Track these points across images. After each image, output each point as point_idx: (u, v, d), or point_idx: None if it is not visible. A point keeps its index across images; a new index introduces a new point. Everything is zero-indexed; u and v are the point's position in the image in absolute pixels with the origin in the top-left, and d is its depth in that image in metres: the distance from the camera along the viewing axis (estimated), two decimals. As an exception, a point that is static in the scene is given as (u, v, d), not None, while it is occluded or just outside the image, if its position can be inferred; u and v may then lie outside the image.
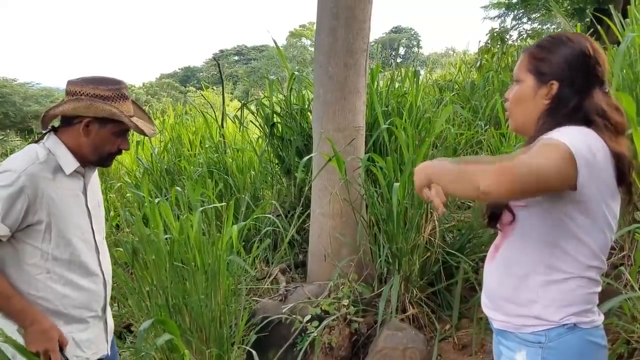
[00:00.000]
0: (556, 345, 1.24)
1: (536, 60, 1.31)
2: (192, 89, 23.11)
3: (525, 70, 1.33)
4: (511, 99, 1.37)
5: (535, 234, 1.26)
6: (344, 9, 3.23)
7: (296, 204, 4.04)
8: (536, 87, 1.30)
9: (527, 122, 1.33)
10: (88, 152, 1.71)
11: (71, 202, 1.71)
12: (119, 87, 1.73)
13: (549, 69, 1.28)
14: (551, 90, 1.28)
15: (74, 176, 1.73)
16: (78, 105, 1.65)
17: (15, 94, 17.39)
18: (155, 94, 34.08)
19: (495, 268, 1.38)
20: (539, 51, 1.32)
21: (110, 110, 1.66)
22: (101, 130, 1.70)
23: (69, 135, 1.70)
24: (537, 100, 1.30)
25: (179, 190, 3.15)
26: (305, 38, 47.31)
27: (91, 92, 1.67)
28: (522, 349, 1.28)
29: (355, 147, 3.35)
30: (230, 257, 2.78)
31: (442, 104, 4.77)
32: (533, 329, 1.26)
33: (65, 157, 1.69)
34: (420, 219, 2.97)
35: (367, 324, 2.99)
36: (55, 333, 1.63)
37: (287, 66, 4.66)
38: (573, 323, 1.24)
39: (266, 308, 3.11)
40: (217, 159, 4.84)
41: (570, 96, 1.26)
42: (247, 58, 50.27)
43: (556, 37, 1.33)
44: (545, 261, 1.25)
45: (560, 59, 1.27)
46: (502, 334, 1.36)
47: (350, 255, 3.22)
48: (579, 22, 8.72)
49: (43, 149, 1.68)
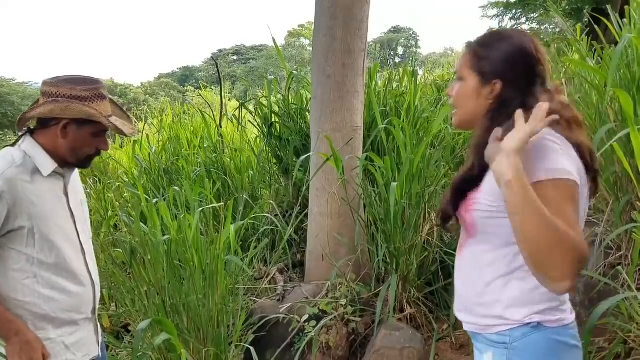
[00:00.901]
0: (521, 345, 1.20)
1: (478, 58, 1.29)
2: (191, 89, 23.10)
3: (467, 68, 1.31)
4: (455, 97, 1.35)
5: (495, 233, 1.23)
6: (341, 8, 3.23)
7: (294, 204, 4.04)
8: (479, 87, 1.29)
9: (471, 120, 1.33)
10: (66, 153, 1.67)
11: (53, 204, 1.67)
12: (96, 86, 1.67)
13: (492, 68, 1.26)
14: (494, 90, 1.27)
15: (54, 177, 1.68)
16: (55, 107, 1.60)
17: (13, 94, 17.40)
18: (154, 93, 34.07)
19: (459, 269, 1.36)
20: (480, 49, 1.30)
21: (88, 111, 1.61)
22: (79, 132, 1.65)
23: (45, 137, 1.65)
24: (480, 99, 1.29)
25: (176, 190, 3.14)
26: (304, 38, 47.34)
27: (68, 92, 1.62)
28: (488, 350, 1.26)
29: (353, 146, 3.35)
30: (228, 256, 2.78)
31: (440, 103, 4.77)
32: (498, 329, 1.24)
33: (43, 159, 1.64)
34: (418, 218, 2.98)
35: (364, 324, 2.99)
36: (39, 345, 1.60)
37: (286, 66, 4.67)
38: (537, 322, 1.20)
39: (264, 308, 3.11)
40: (215, 159, 4.83)
41: (513, 95, 1.24)
42: (246, 58, 50.28)
43: (497, 34, 1.31)
44: (505, 260, 1.23)
45: (502, 58, 1.26)
46: (473, 336, 1.34)
47: (348, 255, 3.22)
48: (577, 22, 8.73)
49: (19, 151, 1.63)
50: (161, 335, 1.97)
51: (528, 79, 1.25)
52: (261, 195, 4.60)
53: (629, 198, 2.61)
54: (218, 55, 47.26)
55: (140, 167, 5.18)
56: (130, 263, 2.74)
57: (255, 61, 45.68)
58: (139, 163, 5.18)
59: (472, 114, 1.32)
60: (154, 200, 2.91)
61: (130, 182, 4.98)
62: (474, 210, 1.25)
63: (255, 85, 13.88)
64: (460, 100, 1.34)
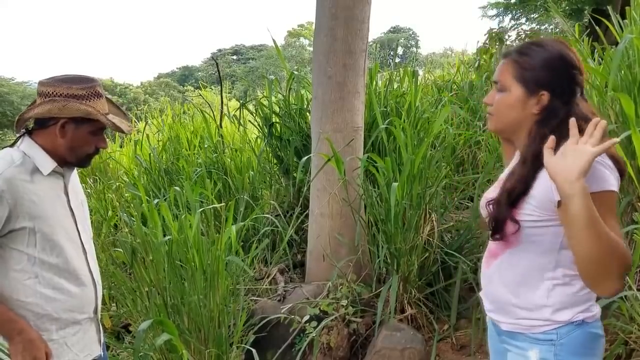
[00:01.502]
0: (567, 341, 1.29)
1: (522, 69, 1.30)
2: (190, 89, 23.07)
3: (510, 77, 1.32)
4: (497, 106, 1.36)
5: (538, 242, 1.29)
6: (342, 9, 3.23)
7: (295, 204, 4.04)
8: (525, 98, 1.30)
9: (513, 130, 1.35)
10: (65, 153, 1.67)
11: (53, 204, 1.67)
12: (92, 84, 1.67)
13: (537, 79, 1.28)
14: (541, 101, 1.29)
15: (53, 177, 1.68)
16: (52, 106, 1.60)
17: (13, 93, 17.36)
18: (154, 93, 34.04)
19: (498, 275, 1.39)
20: (523, 59, 1.31)
21: (85, 109, 1.62)
22: (77, 131, 1.65)
23: (44, 137, 1.65)
24: (526, 110, 1.31)
25: (177, 190, 3.14)
26: (304, 38, 47.35)
27: (65, 92, 1.62)
28: (534, 347, 1.32)
29: (354, 147, 3.35)
30: (229, 257, 2.78)
31: (441, 104, 4.77)
32: (544, 329, 1.31)
33: (42, 158, 1.64)
34: (419, 219, 2.98)
35: (365, 325, 2.99)
36: (42, 343, 1.60)
37: (286, 66, 4.66)
38: (581, 320, 1.29)
39: (265, 308, 3.11)
40: (215, 159, 4.83)
41: (559, 105, 1.27)
42: (245, 57, 50.26)
43: (538, 44, 1.32)
44: (550, 267, 1.29)
45: (547, 68, 1.28)
46: (509, 335, 1.39)
47: (348, 256, 3.22)
48: (577, 23, 8.73)
49: (18, 152, 1.63)
50: (162, 336, 1.96)
51: (571, 89, 1.29)
52: (261, 195, 4.60)
53: (630, 199, 2.61)
54: (217, 55, 47.24)
55: (140, 167, 5.18)
56: (131, 263, 2.74)
57: (255, 61, 45.66)
58: (139, 163, 5.18)
59: (515, 124, 1.34)
60: (155, 200, 2.91)
61: (131, 182, 4.98)
62: (521, 220, 1.28)
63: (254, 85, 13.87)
64: (502, 110, 1.35)
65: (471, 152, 4.28)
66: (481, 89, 5.31)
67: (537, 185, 1.25)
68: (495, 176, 3.39)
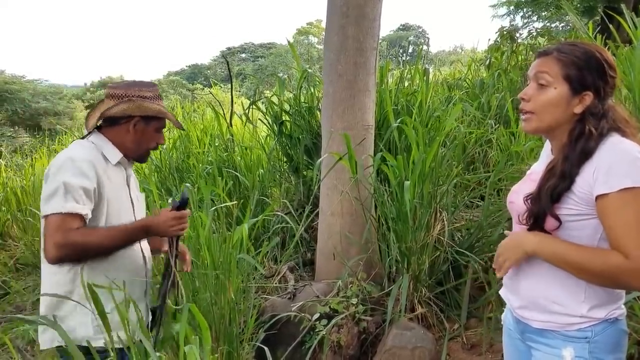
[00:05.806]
0: (601, 338, 1.32)
1: (569, 68, 1.32)
2: (200, 87, 23.12)
3: (555, 75, 1.34)
4: (540, 103, 1.36)
5: (579, 236, 1.31)
6: (354, 7, 3.22)
7: (305, 202, 4.04)
8: (569, 96, 1.33)
9: (553, 128, 1.38)
10: (132, 148, 1.90)
11: (120, 190, 1.88)
12: (155, 87, 1.93)
13: (583, 79, 1.31)
14: (584, 101, 1.32)
15: (118, 168, 1.89)
16: (130, 106, 1.83)
17: (24, 91, 17.38)
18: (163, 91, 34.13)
19: (532, 272, 1.41)
20: (570, 58, 1.33)
21: (158, 108, 1.88)
22: (146, 128, 1.89)
23: (113, 133, 1.88)
24: (569, 109, 1.34)
25: (189, 188, 3.15)
26: (312, 35, 47.26)
27: (137, 93, 1.86)
28: (567, 345, 1.34)
29: (365, 145, 3.34)
30: (241, 255, 2.79)
31: (452, 102, 4.74)
32: (579, 326, 1.33)
33: (110, 149, 1.86)
34: (430, 218, 2.97)
35: (375, 323, 2.99)
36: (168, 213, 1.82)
37: (299, 64, 4.66)
38: (615, 317, 1.33)
39: (275, 306, 3.12)
40: (226, 157, 4.84)
41: (600, 106, 1.31)
42: (255, 55, 50.24)
43: (580, 46, 1.35)
44: None
45: (593, 70, 1.31)
46: (539, 333, 1.40)
47: (359, 254, 3.22)
48: (589, 20, 8.65)
49: (89, 142, 1.86)
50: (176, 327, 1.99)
51: (609, 91, 1.34)
52: (271, 193, 4.60)
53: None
54: (227, 53, 47.31)
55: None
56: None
57: (264, 59, 45.65)
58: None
59: (556, 122, 1.36)
60: (169, 200, 2.92)
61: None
62: (562, 214, 1.31)
63: (264, 83, 13.88)
64: (544, 107, 1.36)
65: (482, 151, 4.26)
66: (493, 86, 5.28)
67: (579, 180, 1.28)
68: (506, 175, 3.39)
